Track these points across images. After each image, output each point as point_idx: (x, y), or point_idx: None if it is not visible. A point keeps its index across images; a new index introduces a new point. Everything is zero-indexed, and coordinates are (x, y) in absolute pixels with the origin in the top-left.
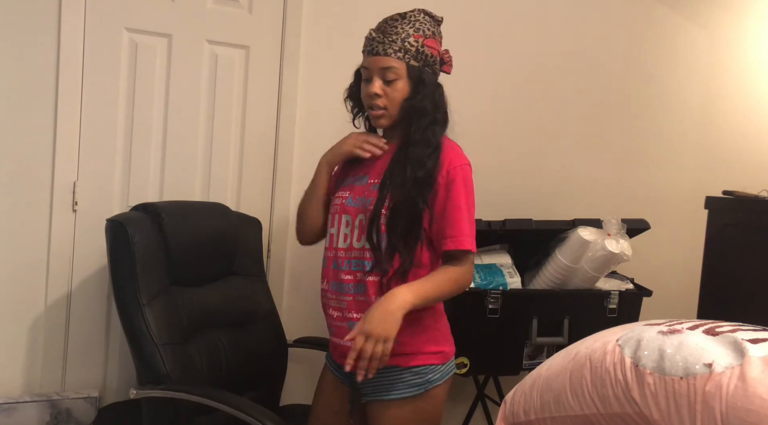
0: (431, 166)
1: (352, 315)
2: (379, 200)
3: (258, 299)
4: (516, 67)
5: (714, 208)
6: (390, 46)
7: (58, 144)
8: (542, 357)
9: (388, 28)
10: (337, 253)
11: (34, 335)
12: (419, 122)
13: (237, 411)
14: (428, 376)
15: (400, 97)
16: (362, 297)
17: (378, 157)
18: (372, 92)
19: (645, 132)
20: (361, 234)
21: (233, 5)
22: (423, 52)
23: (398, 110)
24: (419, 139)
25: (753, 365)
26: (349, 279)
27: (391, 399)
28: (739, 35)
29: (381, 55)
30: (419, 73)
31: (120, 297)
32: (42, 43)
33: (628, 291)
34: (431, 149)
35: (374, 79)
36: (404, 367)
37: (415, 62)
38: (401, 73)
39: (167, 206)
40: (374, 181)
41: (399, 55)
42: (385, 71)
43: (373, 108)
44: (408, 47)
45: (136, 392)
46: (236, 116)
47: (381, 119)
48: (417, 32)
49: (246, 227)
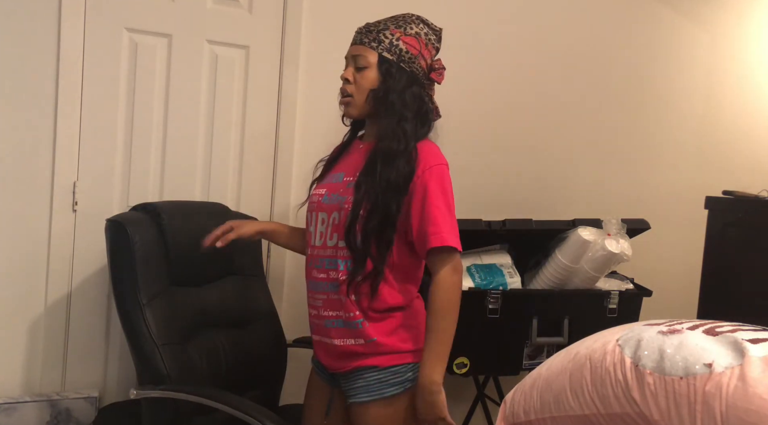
0: (404, 168)
1: (327, 314)
2: (356, 200)
3: (257, 299)
4: (515, 68)
5: (714, 208)
6: (366, 36)
7: (58, 144)
8: (542, 357)
9: (375, 23)
10: (313, 251)
11: (34, 335)
12: (387, 116)
13: (237, 411)
14: (407, 375)
15: (368, 85)
16: (335, 295)
17: (354, 153)
18: (342, 76)
19: (645, 132)
20: (333, 232)
21: (233, 5)
22: (397, 45)
23: (365, 100)
24: (388, 134)
25: (753, 365)
26: (322, 277)
27: (373, 400)
28: (740, 36)
29: (356, 43)
30: (389, 65)
31: (120, 297)
32: (42, 43)
33: (628, 291)
34: (402, 147)
35: (348, 66)
36: (383, 367)
37: (388, 55)
38: (371, 61)
39: (167, 206)
40: (349, 179)
41: (373, 45)
42: (356, 58)
43: (342, 94)
44: (382, 38)
45: (136, 392)
46: (236, 116)
47: (348, 107)
48: (398, 28)
49: None
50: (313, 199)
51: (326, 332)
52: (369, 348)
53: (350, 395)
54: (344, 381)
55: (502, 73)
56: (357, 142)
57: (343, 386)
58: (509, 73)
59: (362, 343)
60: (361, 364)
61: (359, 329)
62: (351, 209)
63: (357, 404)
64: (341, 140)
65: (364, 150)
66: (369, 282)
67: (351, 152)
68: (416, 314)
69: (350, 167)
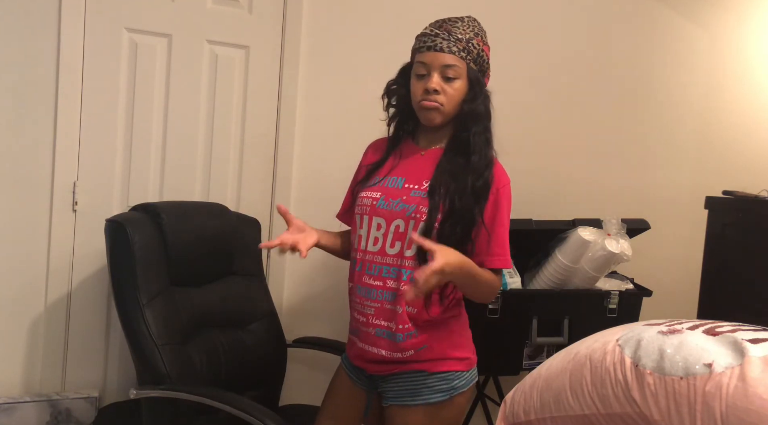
0: (488, 177)
1: (379, 322)
2: (431, 210)
3: (257, 299)
4: (515, 68)
5: (714, 208)
6: (455, 44)
7: (58, 144)
8: (542, 357)
9: (451, 27)
10: (365, 256)
11: (34, 335)
12: (476, 127)
13: (238, 411)
14: (454, 382)
15: (459, 96)
16: (390, 305)
17: (416, 160)
18: (431, 87)
19: (645, 132)
20: (395, 240)
21: (233, 5)
22: (482, 56)
23: (454, 110)
24: (479, 146)
25: (753, 365)
26: (378, 285)
27: (416, 405)
28: (740, 36)
29: (445, 51)
30: (477, 76)
31: (120, 298)
32: (42, 43)
33: (628, 291)
34: (489, 159)
35: (433, 75)
36: (430, 372)
37: (474, 65)
38: (461, 72)
39: (166, 206)
40: (414, 187)
41: (462, 55)
42: (446, 68)
43: (428, 99)
44: (471, 49)
45: (136, 392)
46: (236, 116)
47: (434, 113)
48: (477, 37)
49: (245, 227)
50: (365, 202)
51: (375, 341)
52: (417, 355)
53: (391, 397)
54: (384, 382)
55: (501, 73)
56: (413, 147)
57: (382, 387)
58: (509, 73)
59: (410, 354)
60: (407, 368)
61: (409, 341)
62: (426, 220)
63: (398, 406)
64: (342, 141)
65: (430, 157)
66: (437, 292)
67: (407, 157)
68: (464, 321)
69: (412, 174)
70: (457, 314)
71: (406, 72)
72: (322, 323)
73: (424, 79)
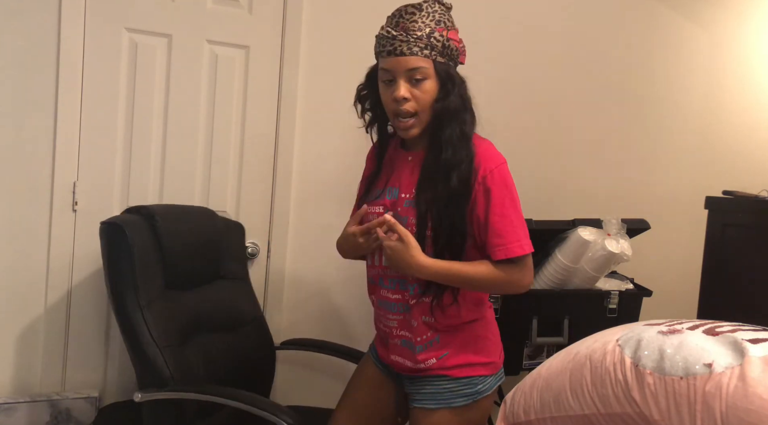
0: (464, 175)
1: (403, 333)
2: (420, 220)
3: (245, 302)
4: (515, 68)
5: (714, 208)
6: (415, 44)
7: (58, 144)
8: (542, 357)
9: (408, 23)
10: (379, 271)
11: (34, 335)
12: (451, 125)
13: (252, 407)
14: (478, 387)
15: (429, 98)
16: (408, 315)
17: (405, 166)
18: (399, 96)
19: (645, 132)
20: None
21: (233, 5)
22: (449, 46)
23: (429, 114)
24: (452, 142)
25: (753, 365)
26: (396, 298)
27: (439, 408)
28: (740, 36)
29: (406, 54)
30: (447, 69)
31: (119, 300)
32: (42, 43)
33: (628, 291)
34: (463, 154)
35: (399, 82)
36: (454, 377)
37: (442, 58)
38: (429, 71)
39: (159, 209)
40: (405, 196)
41: (425, 53)
42: (411, 72)
43: (400, 115)
44: (434, 43)
45: (141, 395)
46: (236, 116)
47: (412, 129)
48: (439, 25)
49: (230, 232)
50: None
51: (401, 351)
52: (441, 362)
53: (416, 399)
54: (410, 383)
55: (501, 73)
56: (401, 153)
57: (408, 388)
58: (508, 73)
59: (433, 362)
60: (431, 373)
61: (429, 350)
62: (416, 232)
63: (422, 409)
64: (342, 141)
65: (416, 161)
66: (443, 299)
67: (398, 163)
68: (489, 324)
69: (404, 182)
70: (480, 317)
71: (373, 75)
72: (320, 323)
73: (391, 86)
